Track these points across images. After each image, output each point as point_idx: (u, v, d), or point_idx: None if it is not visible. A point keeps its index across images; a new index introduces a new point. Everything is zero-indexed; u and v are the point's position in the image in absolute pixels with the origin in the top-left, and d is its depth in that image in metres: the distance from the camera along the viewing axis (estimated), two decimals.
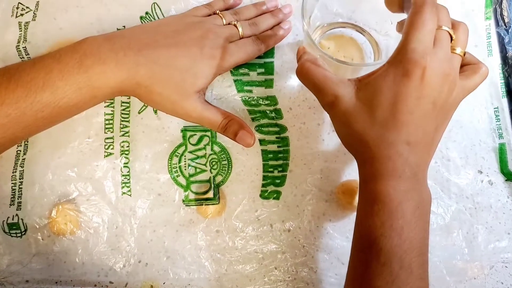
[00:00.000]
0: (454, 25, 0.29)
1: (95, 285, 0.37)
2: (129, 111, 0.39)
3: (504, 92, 0.40)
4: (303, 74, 0.30)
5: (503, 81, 0.40)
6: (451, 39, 0.28)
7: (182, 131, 0.39)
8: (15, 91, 0.28)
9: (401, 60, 0.26)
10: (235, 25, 0.37)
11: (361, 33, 0.40)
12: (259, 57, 0.40)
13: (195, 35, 0.34)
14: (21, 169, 0.38)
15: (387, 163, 0.27)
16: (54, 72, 0.29)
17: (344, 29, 0.41)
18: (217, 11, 0.38)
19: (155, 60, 0.32)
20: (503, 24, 0.41)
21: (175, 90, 0.33)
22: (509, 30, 0.41)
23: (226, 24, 0.37)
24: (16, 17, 0.40)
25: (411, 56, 0.26)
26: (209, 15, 0.38)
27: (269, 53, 0.40)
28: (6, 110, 0.28)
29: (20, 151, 0.38)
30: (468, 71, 0.30)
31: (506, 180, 0.39)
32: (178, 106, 0.34)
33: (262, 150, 0.39)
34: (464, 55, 0.30)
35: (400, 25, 0.33)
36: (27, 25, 0.40)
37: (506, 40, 0.41)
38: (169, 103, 0.33)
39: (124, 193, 0.38)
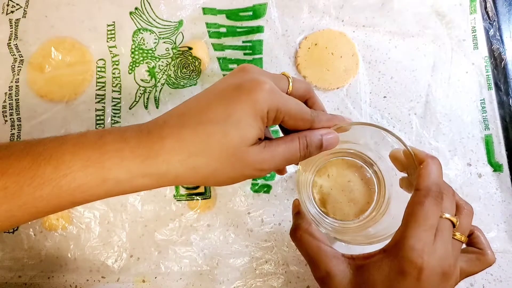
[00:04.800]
0: (458, 207, 0.28)
1: (87, 280, 0.38)
2: (120, 106, 0.40)
3: (491, 84, 0.41)
4: (296, 242, 0.30)
5: (489, 73, 0.41)
6: (454, 225, 0.27)
7: None
8: (22, 161, 0.24)
9: (397, 255, 0.26)
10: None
11: (367, 167, 0.37)
12: (247, 54, 0.41)
13: None
14: None
15: None
16: (68, 144, 0.24)
17: (347, 158, 0.37)
18: None
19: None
20: (487, 18, 0.42)
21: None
22: (493, 24, 0.42)
23: None
24: (7, 14, 0.40)
25: (408, 254, 0.25)
26: None
27: (258, 50, 0.41)
28: (5, 181, 0.23)
29: None
30: (471, 255, 0.29)
31: (494, 171, 0.40)
32: (238, 176, 0.26)
33: None
34: (472, 234, 0.29)
35: (402, 181, 0.32)
36: (18, 22, 0.40)
37: (491, 33, 0.41)
38: (223, 179, 0.26)
39: None
